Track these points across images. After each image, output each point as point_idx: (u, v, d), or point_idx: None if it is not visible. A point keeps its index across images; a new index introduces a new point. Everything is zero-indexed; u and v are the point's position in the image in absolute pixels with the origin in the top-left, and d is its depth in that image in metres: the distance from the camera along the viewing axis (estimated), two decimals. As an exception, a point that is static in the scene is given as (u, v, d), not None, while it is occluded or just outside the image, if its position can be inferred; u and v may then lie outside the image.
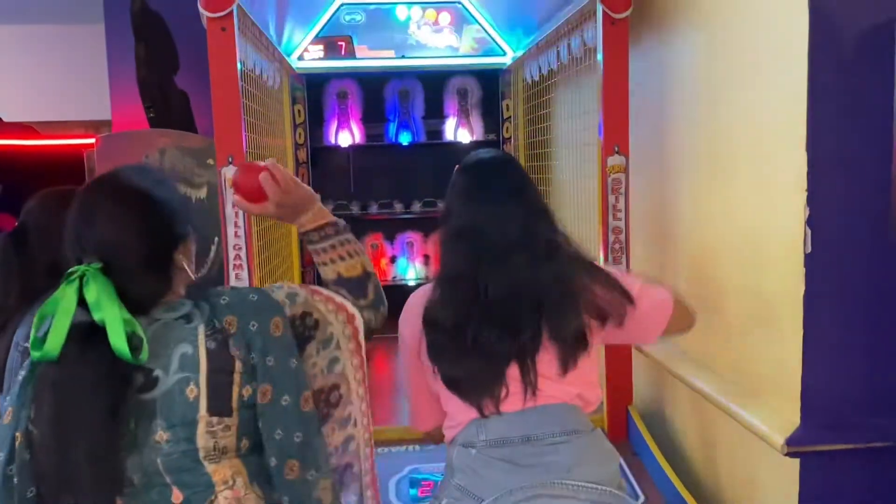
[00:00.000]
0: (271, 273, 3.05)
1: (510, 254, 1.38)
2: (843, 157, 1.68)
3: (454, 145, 4.38)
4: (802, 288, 1.69)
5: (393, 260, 4.52)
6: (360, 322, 1.26)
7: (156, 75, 4.17)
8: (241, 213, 2.26)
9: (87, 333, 1.07)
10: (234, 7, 2.23)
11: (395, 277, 4.49)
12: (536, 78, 3.57)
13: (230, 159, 2.28)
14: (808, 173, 1.67)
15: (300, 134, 4.20)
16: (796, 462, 1.72)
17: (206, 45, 2.26)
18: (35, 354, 1.08)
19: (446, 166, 1.56)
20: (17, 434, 1.09)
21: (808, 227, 1.67)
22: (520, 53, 3.82)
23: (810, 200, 1.67)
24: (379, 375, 3.51)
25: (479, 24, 4.03)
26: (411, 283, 4.45)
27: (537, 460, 1.35)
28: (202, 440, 1.09)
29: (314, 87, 4.27)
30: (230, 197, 2.15)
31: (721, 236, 2.14)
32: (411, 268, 4.50)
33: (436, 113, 4.43)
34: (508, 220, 1.40)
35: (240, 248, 2.30)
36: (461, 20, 4.02)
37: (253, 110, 2.61)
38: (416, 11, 3.97)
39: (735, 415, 1.91)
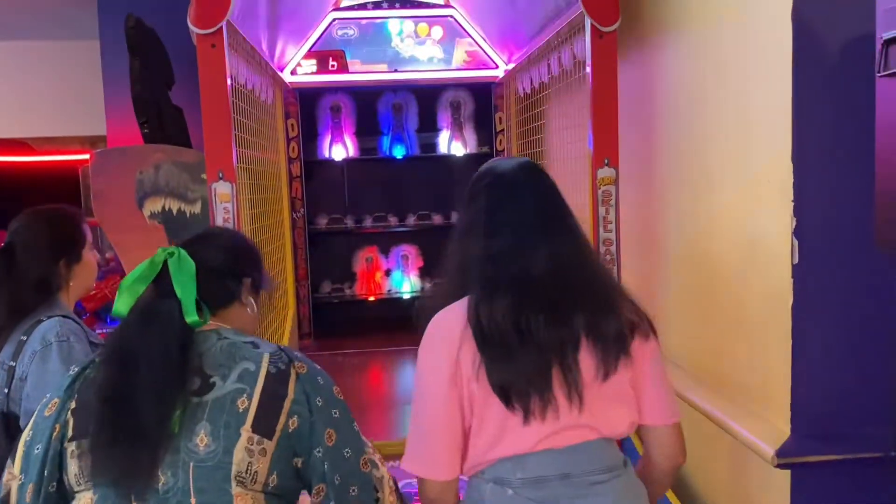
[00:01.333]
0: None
1: (549, 257, 1.30)
2: (828, 167, 1.69)
3: (448, 158, 4.39)
4: (790, 299, 1.70)
5: (388, 273, 4.52)
6: None
7: (150, 91, 4.17)
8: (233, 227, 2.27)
9: (159, 302, 1.19)
10: (224, 24, 2.24)
11: (390, 290, 4.50)
12: (528, 90, 3.58)
13: (220, 174, 2.29)
14: (794, 184, 1.68)
15: (293, 148, 4.21)
16: (787, 473, 1.72)
17: (198, 61, 2.27)
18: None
19: (440, 179, 1.55)
20: (56, 425, 1.17)
21: (795, 238, 1.68)
22: (511, 66, 3.84)
23: (797, 211, 1.68)
24: (376, 388, 3.50)
25: (472, 38, 4.05)
26: (406, 296, 4.45)
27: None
28: (239, 455, 1.12)
29: (307, 101, 4.29)
30: (220, 211, 2.24)
31: (709, 248, 2.15)
32: (406, 281, 4.50)
33: (429, 126, 4.44)
34: (538, 247, 1.31)
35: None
36: (453, 34, 4.05)
37: (245, 125, 2.61)
38: (408, 25, 3.99)
39: (725, 426, 1.91)
